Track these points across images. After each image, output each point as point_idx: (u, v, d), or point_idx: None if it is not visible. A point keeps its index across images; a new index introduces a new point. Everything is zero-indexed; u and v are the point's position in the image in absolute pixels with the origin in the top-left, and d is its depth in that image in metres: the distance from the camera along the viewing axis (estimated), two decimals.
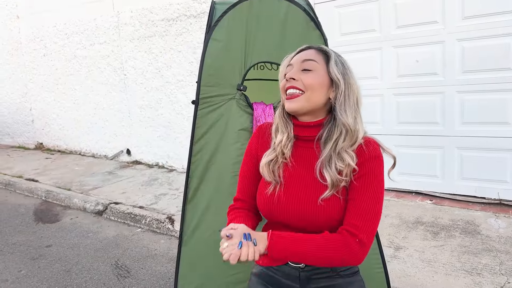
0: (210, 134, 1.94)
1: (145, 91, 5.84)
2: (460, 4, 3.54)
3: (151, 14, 5.54)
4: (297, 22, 1.93)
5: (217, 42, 1.89)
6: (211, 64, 1.90)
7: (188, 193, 1.97)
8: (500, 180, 3.59)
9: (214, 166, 1.95)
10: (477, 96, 3.60)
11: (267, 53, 1.94)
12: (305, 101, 1.17)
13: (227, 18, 1.89)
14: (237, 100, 1.93)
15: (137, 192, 4.87)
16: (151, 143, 5.95)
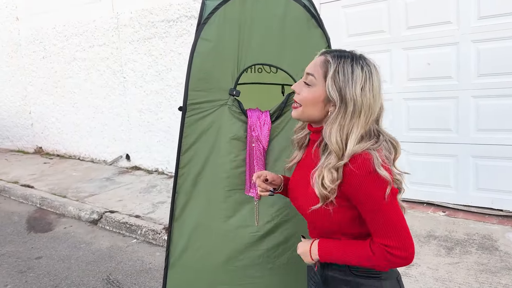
0: (199, 144, 1.75)
1: (145, 94, 5.67)
2: (475, 3, 3.32)
3: (151, 15, 5.38)
4: (296, 20, 1.73)
5: (207, 42, 1.70)
6: (200, 67, 1.70)
7: (175, 210, 1.78)
8: None
9: (205, 180, 1.76)
10: (493, 101, 3.37)
11: (263, 54, 1.74)
12: (301, 113, 1.22)
13: (217, 15, 1.69)
14: (229, 107, 1.73)
15: (135, 200, 4.69)
16: (151, 148, 5.77)
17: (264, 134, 1.70)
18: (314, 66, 1.18)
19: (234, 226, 1.74)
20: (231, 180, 1.73)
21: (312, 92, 1.17)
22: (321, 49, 1.75)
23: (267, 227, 1.73)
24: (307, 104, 1.18)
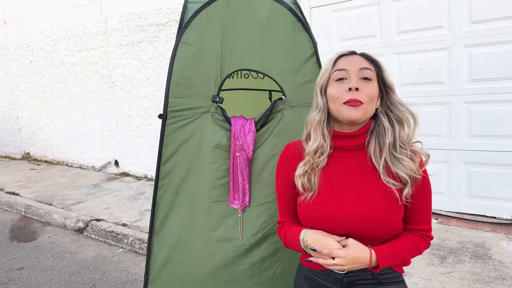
0: (181, 153, 1.66)
1: (134, 99, 5.57)
2: (467, 8, 3.27)
3: (140, 19, 5.29)
4: (282, 23, 1.66)
5: (188, 46, 1.62)
6: (181, 72, 1.62)
7: (155, 223, 1.69)
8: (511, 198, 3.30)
9: (186, 191, 1.67)
10: (486, 107, 3.32)
11: (248, 59, 1.66)
12: (365, 112, 1.17)
13: (199, 18, 1.61)
14: (212, 114, 1.65)
15: (122, 207, 4.58)
16: (140, 154, 5.67)
17: (248, 143, 1.62)
18: (365, 62, 1.20)
19: (217, 239, 1.65)
20: (214, 191, 1.64)
21: (374, 86, 1.18)
22: (308, 54, 1.69)
23: (252, 240, 1.65)
24: (372, 100, 1.17)
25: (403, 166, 1.16)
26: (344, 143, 1.22)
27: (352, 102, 1.14)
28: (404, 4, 3.53)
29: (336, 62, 1.22)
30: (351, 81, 1.16)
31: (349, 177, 1.20)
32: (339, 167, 1.22)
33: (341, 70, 1.19)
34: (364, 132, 1.21)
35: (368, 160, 1.20)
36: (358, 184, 1.19)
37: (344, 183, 1.20)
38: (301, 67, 1.65)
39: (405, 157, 1.16)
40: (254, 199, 1.64)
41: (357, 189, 1.18)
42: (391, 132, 1.18)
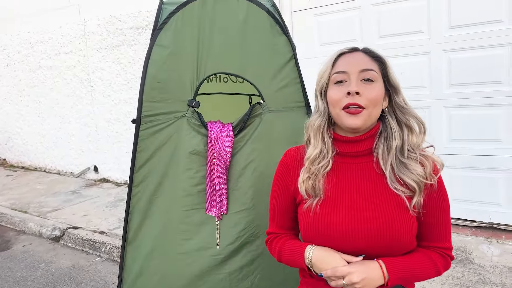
0: (155, 159, 1.61)
1: (113, 103, 5.47)
2: (446, 13, 3.29)
3: (119, 22, 5.20)
4: (259, 26, 1.62)
5: (163, 48, 1.57)
6: (155, 75, 1.57)
7: (128, 233, 1.63)
8: (491, 202, 3.31)
9: (161, 199, 1.61)
10: (466, 111, 3.34)
11: (225, 62, 1.62)
12: (368, 117, 1.08)
13: (174, 20, 1.56)
14: (188, 119, 1.60)
15: (100, 214, 4.47)
16: (120, 160, 5.56)
17: (226, 149, 1.58)
18: (367, 61, 1.11)
19: (194, 248, 1.60)
20: (190, 198, 1.59)
21: (377, 88, 1.09)
22: (287, 58, 1.66)
23: (230, 249, 1.60)
24: (376, 104, 1.08)
25: (410, 172, 1.06)
26: (348, 148, 1.13)
27: (351, 108, 1.06)
28: (384, 8, 3.54)
29: (336, 62, 1.13)
30: (351, 84, 1.07)
31: (354, 184, 1.11)
32: (343, 172, 1.13)
33: (340, 72, 1.10)
34: (371, 136, 1.12)
35: (374, 165, 1.11)
36: (364, 192, 1.09)
37: (349, 191, 1.11)
38: (280, 71, 1.62)
39: (413, 162, 1.07)
40: (232, 206, 1.59)
41: (363, 198, 1.09)
42: (399, 134, 1.10)
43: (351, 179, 1.12)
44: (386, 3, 3.52)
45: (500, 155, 3.24)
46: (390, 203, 1.07)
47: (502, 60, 3.14)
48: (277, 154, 1.54)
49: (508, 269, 2.80)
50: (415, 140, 1.11)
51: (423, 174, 1.07)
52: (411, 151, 1.10)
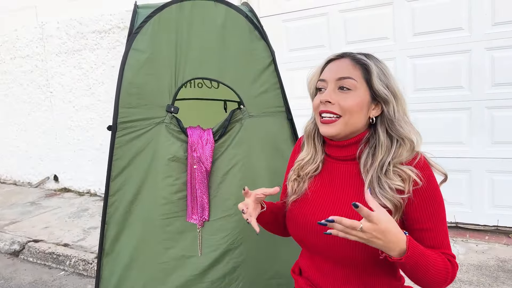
0: (133, 167, 1.56)
1: (74, 110, 5.28)
2: (410, 20, 3.42)
3: (80, 26, 5.04)
4: (238, 31, 1.62)
5: (140, 53, 1.53)
6: (132, 80, 1.53)
7: (105, 244, 1.56)
8: (455, 202, 3.45)
9: (139, 208, 1.57)
10: (429, 115, 3.47)
11: (203, 67, 1.60)
12: (344, 125, 1.07)
13: (151, 24, 1.53)
14: (166, 125, 1.57)
15: (63, 226, 4.29)
16: (82, 168, 5.37)
17: (206, 155, 1.56)
18: (348, 69, 1.08)
19: (175, 257, 1.56)
20: (170, 206, 1.56)
21: (356, 96, 1.06)
22: (266, 63, 1.66)
23: (212, 256, 1.57)
24: (353, 112, 1.06)
25: (386, 192, 1.02)
26: (334, 152, 1.14)
27: (325, 117, 1.08)
28: (351, 15, 3.63)
29: (323, 69, 1.14)
30: (325, 92, 1.08)
31: (336, 188, 1.12)
32: (330, 176, 1.14)
33: (321, 80, 1.11)
34: (354, 143, 1.11)
35: (359, 172, 1.10)
36: (343, 197, 1.09)
37: (330, 194, 1.12)
38: (259, 76, 1.62)
39: (392, 181, 1.02)
40: (214, 213, 1.57)
41: (340, 202, 1.09)
42: (386, 147, 1.06)
43: (334, 183, 1.13)
44: (352, 10, 3.61)
45: (462, 157, 3.38)
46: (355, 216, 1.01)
47: (463, 66, 3.29)
48: (257, 159, 1.55)
49: (474, 267, 2.92)
50: (404, 156, 1.05)
51: (401, 189, 1.02)
52: (393, 169, 1.04)
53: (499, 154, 3.25)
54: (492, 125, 3.25)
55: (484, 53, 3.20)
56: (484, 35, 3.19)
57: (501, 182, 3.27)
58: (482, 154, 3.31)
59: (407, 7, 3.42)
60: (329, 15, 3.71)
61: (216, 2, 1.58)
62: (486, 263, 2.97)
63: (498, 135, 3.24)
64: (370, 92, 1.07)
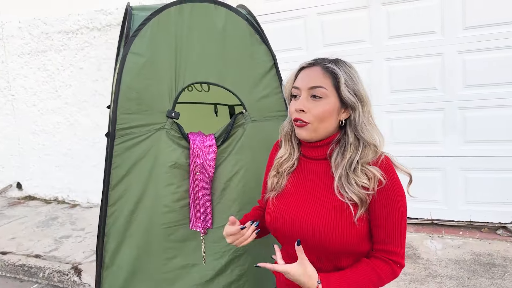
0: (133, 175, 1.50)
1: (39, 114, 5.05)
2: (385, 24, 3.51)
3: (44, 26, 4.83)
4: (239, 34, 1.60)
5: (138, 57, 1.48)
6: (131, 85, 1.47)
7: (105, 257, 1.50)
8: (431, 200, 3.58)
9: (141, 218, 1.51)
10: (405, 116, 3.57)
11: (204, 71, 1.57)
12: (313, 131, 1.17)
13: (150, 26, 1.48)
14: (167, 131, 1.52)
15: (32, 236, 4.08)
16: (48, 175, 5.14)
17: (209, 161, 1.52)
18: (318, 78, 1.15)
19: (179, 266, 1.52)
20: (172, 215, 1.51)
21: (326, 104, 1.14)
22: (267, 67, 1.65)
23: (217, 264, 1.55)
24: (322, 119, 1.15)
25: (352, 186, 1.12)
26: (309, 152, 1.24)
27: (298, 122, 1.17)
28: (328, 18, 3.68)
29: (297, 76, 1.21)
30: (299, 101, 1.17)
31: (310, 185, 1.21)
32: (305, 174, 1.24)
33: (295, 88, 1.19)
34: (326, 144, 1.20)
35: (331, 170, 1.19)
36: (314, 192, 1.19)
37: (304, 190, 1.21)
38: (261, 80, 1.61)
39: (359, 176, 1.12)
40: (217, 220, 1.54)
41: (311, 197, 1.19)
42: (354, 147, 1.15)
43: (308, 180, 1.23)
44: (329, 13, 3.66)
45: (437, 156, 3.51)
46: (331, 207, 1.14)
47: (436, 68, 3.41)
48: (260, 165, 1.53)
49: (453, 261, 3.04)
50: (370, 157, 1.14)
51: (366, 186, 1.11)
52: (360, 167, 1.13)
53: (471, 152, 3.39)
54: (465, 125, 3.39)
55: (456, 56, 3.34)
56: (456, 38, 3.32)
57: (473, 180, 3.42)
58: (455, 153, 3.45)
59: (383, 10, 3.51)
60: (306, 17, 3.75)
61: (216, 5, 1.55)
62: (462, 257, 3.09)
63: (470, 135, 3.38)
64: (339, 99, 1.15)
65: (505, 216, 3.35)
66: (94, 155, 4.83)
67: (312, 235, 1.13)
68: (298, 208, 1.18)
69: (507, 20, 3.16)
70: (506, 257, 3.03)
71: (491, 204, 3.37)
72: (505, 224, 3.36)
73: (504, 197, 3.32)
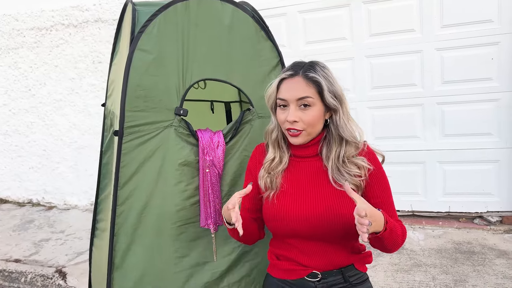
0: (142, 174, 1.47)
1: (11, 113, 4.85)
2: (366, 22, 3.58)
3: (16, 22, 4.63)
4: (245, 31, 1.59)
5: (146, 53, 1.45)
6: (138, 82, 1.44)
7: (115, 258, 1.46)
8: (412, 192, 3.69)
9: (150, 217, 1.48)
10: (386, 112, 3.67)
11: (211, 68, 1.55)
12: (307, 135, 1.28)
13: (157, 23, 1.45)
14: (175, 128, 1.50)
15: (9, 240, 3.93)
16: (21, 177, 4.94)
17: (218, 158, 1.52)
18: (303, 89, 1.23)
19: (191, 265, 1.50)
20: (182, 213, 1.49)
21: (315, 111, 1.25)
22: (273, 64, 1.65)
23: (228, 260, 1.54)
24: (314, 124, 1.26)
25: (344, 177, 1.24)
26: (299, 152, 1.34)
27: (291, 131, 1.26)
28: (310, 16, 3.72)
29: (279, 87, 1.29)
30: (290, 113, 1.24)
31: (307, 180, 1.30)
32: (298, 170, 1.33)
33: (281, 99, 1.27)
34: (315, 143, 1.31)
35: (323, 163, 1.31)
36: (312, 185, 1.29)
37: (300, 185, 1.30)
38: (267, 76, 1.61)
39: (350, 167, 1.25)
40: None
41: (310, 189, 1.28)
42: (338, 143, 1.28)
43: (302, 175, 1.31)
44: (311, 11, 3.70)
45: (417, 150, 3.63)
46: (332, 193, 1.25)
47: (416, 65, 3.52)
48: None
49: (435, 251, 3.15)
50: (353, 151, 1.27)
51: (359, 175, 1.25)
52: (349, 159, 1.26)
53: (449, 146, 3.53)
54: (443, 120, 3.52)
55: (434, 53, 3.46)
56: (434, 36, 3.44)
57: (451, 172, 3.56)
58: (434, 147, 3.57)
59: (364, 9, 3.58)
60: (288, 15, 3.78)
61: (222, 1, 1.54)
62: (444, 246, 3.21)
63: (448, 129, 3.52)
64: (324, 104, 1.25)
65: (481, 206, 3.50)
66: (71, 155, 4.70)
67: (320, 222, 1.22)
68: (304, 201, 1.26)
69: (482, 18, 3.29)
70: (484, 245, 3.18)
71: (468, 194, 3.52)
72: (481, 214, 3.51)
73: (480, 188, 3.47)
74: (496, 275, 2.74)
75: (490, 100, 3.36)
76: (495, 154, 3.40)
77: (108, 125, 1.91)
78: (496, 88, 3.33)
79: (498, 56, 3.29)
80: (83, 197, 4.73)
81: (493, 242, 3.20)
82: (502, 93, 3.33)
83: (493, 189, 3.45)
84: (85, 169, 4.65)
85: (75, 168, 4.71)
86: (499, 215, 3.45)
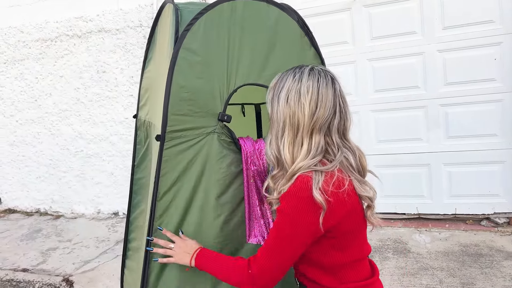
0: (182, 184, 1.25)
1: (18, 124, 4.56)
2: (368, 25, 3.44)
3: (21, 34, 4.37)
4: (290, 36, 1.41)
5: (192, 53, 1.24)
6: (183, 84, 1.23)
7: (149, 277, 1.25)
8: (417, 195, 3.53)
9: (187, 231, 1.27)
10: (389, 114, 3.51)
11: (254, 73, 1.35)
12: None
13: (202, 22, 1.26)
14: (218, 135, 1.30)
15: (16, 250, 3.64)
16: (29, 186, 4.65)
17: (263, 168, 1.32)
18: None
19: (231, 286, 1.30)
20: (224, 227, 1.29)
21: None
22: None
23: None
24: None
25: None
26: None
27: None
28: (311, 21, 3.53)
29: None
30: None
31: None
32: None
33: None
34: None
35: None
36: None
37: None
38: None
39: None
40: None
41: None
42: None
43: None
44: (312, 16, 3.54)
45: (421, 152, 3.48)
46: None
47: (418, 67, 3.38)
48: None
49: (442, 253, 2.98)
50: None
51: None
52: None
53: (454, 147, 3.38)
54: (446, 121, 3.37)
55: (437, 54, 3.32)
56: (435, 38, 3.30)
57: (457, 174, 3.41)
58: (439, 149, 3.43)
59: (365, 12, 3.44)
60: None
61: (268, 3, 1.37)
62: (451, 249, 3.05)
63: (452, 130, 3.37)
64: None
65: (488, 208, 3.35)
66: (77, 164, 4.43)
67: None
68: None
69: (484, 19, 3.17)
70: (492, 247, 3.03)
71: (474, 196, 3.37)
72: (488, 215, 3.37)
73: (486, 189, 3.33)
74: (504, 278, 2.58)
75: (493, 100, 3.23)
76: (500, 155, 3.27)
77: (142, 137, 1.69)
78: (500, 89, 3.21)
79: (501, 56, 3.17)
80: (90, 205, 4.46)
81: (501, 244, 3.05)
82: (505, 94, 3.20)
83: (500, 190, 3.30)
84: (91, 178, 4.40)
85: (81, 177, 4.45)
86: (506, 217, 3.32)
